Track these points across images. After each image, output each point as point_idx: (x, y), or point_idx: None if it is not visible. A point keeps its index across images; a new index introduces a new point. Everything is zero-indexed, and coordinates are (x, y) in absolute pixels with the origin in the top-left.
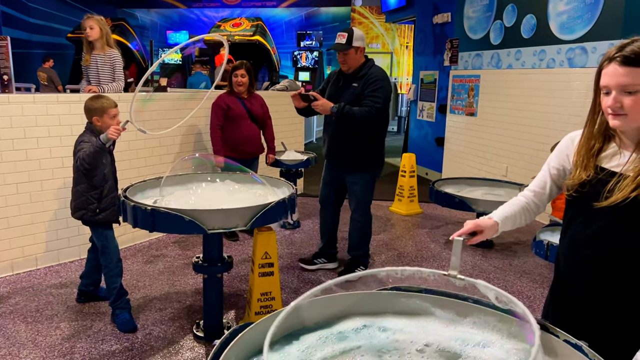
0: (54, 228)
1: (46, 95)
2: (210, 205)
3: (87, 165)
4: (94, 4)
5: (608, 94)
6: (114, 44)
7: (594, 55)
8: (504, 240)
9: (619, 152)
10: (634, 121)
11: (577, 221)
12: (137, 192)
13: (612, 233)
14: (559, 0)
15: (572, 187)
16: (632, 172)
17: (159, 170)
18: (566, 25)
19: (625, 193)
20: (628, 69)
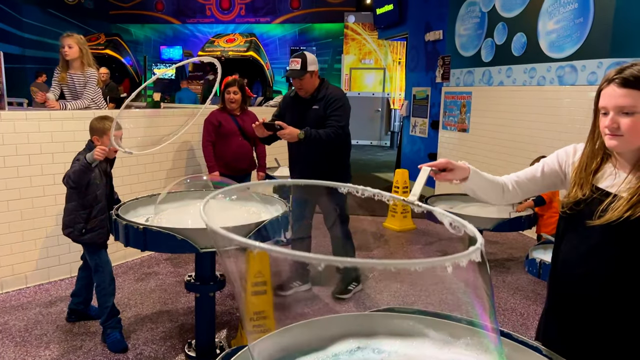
0: (44, 246)
1: (38, 112)
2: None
3: (72, 183)
4: (88, 20)
5: (606, 115)
6: (94, 63)
7: (583, 74)
8: (497, 256)
9: (614, 173)
10: (630, 142)
11: (570, 239)
12: (129, 210)
13: (605, 252)
14: (548, 19)
15: (567, 205)
16: (627, 193)
17: (151, 187)
18: (556, 43)
19: (619, 213)
20: (626, 90)
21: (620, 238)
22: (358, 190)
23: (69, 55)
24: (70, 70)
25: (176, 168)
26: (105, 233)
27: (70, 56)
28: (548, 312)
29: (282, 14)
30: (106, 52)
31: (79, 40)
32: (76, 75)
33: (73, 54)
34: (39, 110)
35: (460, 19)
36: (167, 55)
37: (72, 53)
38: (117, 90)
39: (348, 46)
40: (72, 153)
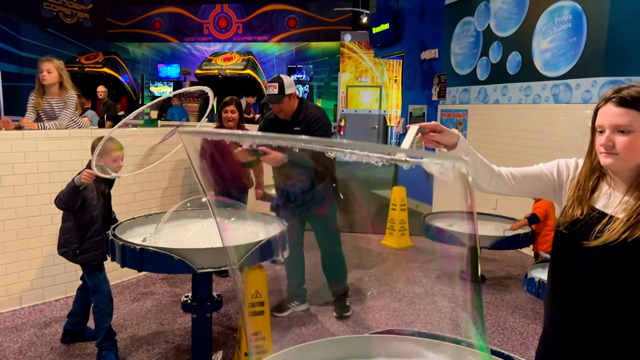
0: (39, 265)
1: (36, 131)
2: (199, 243)
3: (62, 205)
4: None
5: (602, 133)
6: (73, 87)
7: (578, 92)
8: (495, 274)
9: (609, 192)
10: (625, 161)
11: (566, 260)
12: (125, 230)
13: (601, 273)
14: (543, 38)
15: (563, 224)
16: (623, 214)
17: (148, 206)
18: (550, 62)
19: (616, 235)
20: (623, 109)
21: (616, 260)
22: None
23: (47, 80)
24: (47, 96)
25: (173, 187)
26: (100, 255)
27: (49, 81)
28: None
29: (279, 32)
30: (104, 70)
31: (58, 65)
32: (54, 99)
33: (52, 79)
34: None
35: (455, 38)
36: (164, 74)
37: (51, 78)
38: (115, 109)
39: (344, 64)
40: (68, 172)
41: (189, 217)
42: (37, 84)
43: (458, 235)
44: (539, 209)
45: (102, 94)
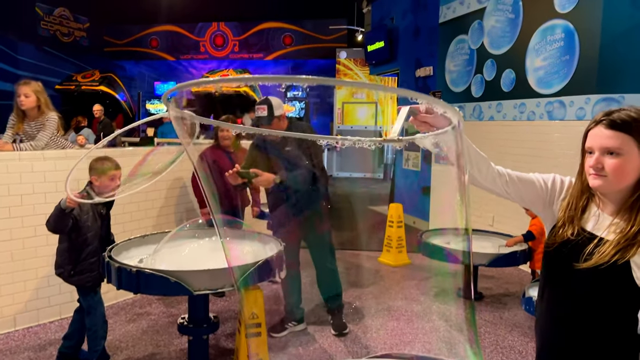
0: (34, 287)
1: (31, 152)
2: (196, 264)
3: (51, 227)
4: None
5: (592, 155)
6: (53, 108)
7: (571, 109)
8: (493, 292)
9: (597, 214)
10: (613, 183)
11: (556, 280)
12: (121, 252)
13: (591, 295)
14: (536, 56)
15: (553, 244)
16: (613, 236)
17: (144, 225)
18: (544, 80)
19: (606, 258)
20: (612, 132)
21: (607, 281)
22: (338, 141)
23: (25, 104)
24: (28, 119)
25: (169, 205)
26: (94, 277)
27: (27, 105)
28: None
29: (274, 50)
30: (100, 88)
31: (35, 88)
32: (34, 122)
33: (29, 104)
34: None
35: (450, 55)
36: (161, 91)
37: (29, 102)
38: (112, 127)
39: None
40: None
41: (185, 237)
42: (16, 108)
43: (455, 252)
44: (534, 226)
45: (97, 113)
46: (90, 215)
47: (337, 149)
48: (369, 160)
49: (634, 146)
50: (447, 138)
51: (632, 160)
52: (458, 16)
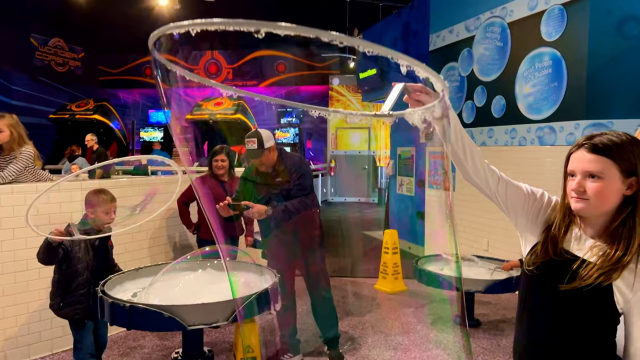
0: (25, 322)
1: (25, 185)
2: (191, 297)
3: (40, 259)
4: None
5: (573, 178)
6: (28, 141)
7: (562, 134)
8: (490, 318)
9: (579, 236)
10: (595, 207)
11: (536, 303)
12: (115, 285)
13: (572, 317)
14: (525, 83)
15: (534, 264)
16: (595, 258)
17: (138, 257)
18: (533, 106)
19: (590, 280)
20: (594, 156)
21: (588, 304)
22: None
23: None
24: (4, 153)
25: (162, 236)
26: (82, 309)
27: (1, 140)
28: None
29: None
30: (94, 117)
31: (9, 122)
32: (9, 156)
33: (3, 138)
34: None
35: None
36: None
37: (3, 137)
38: (106, 156)
39: (333, 107)
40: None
41: (180, 269)
42: None
43: (449, 279)
44: None
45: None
46: (82, 246)
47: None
48: (363, 184)
49: (615, 170)
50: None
51: (613, 184)
52: (448, 44)
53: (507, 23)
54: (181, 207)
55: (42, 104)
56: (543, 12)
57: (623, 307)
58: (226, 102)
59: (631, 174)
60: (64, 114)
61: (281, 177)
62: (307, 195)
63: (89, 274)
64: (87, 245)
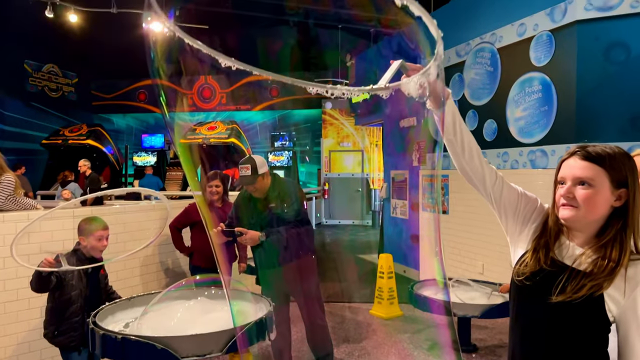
0: (13, 353)
1: (16, 213)
2: (184, 328)
3: (32, 287)
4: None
5: (563, 185)
6: (8, 170)
7: (553, 157)
8: (487, 343)
9: (568, 245)
10: (583, 215)
11: (529, 311)
12: (107, 316)
13: (564, 327)
14: (516, 107)
15: (523, 274)
16: (584, 266)
17: (130, 284)
18: (525, 129)
19: (583, 291)
20: (587, 163)
21: (580, 313)
22: (327, 90)
23: None
24: None
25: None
26: (77, 337)
27: None
28: None
29: (261, 101)
30: (87, 142)
31: None
32: None
33: None
34: None
35: None
36: (148, 144)
37: None
38: (99, 181)
39: (326, 130)
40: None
41: (173, 298)
42: None
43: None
44: None
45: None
46: (75, 273)
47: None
48: (357, 207)
49: (606, 179)
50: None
51: (602, 192)
52: None
53: (497, 48)
54: (174, 232)
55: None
56: (532, 38)
57: (616, 314)
58: (220, 126)
59: (621, 185)
60: (57, 139)
61: (275, 203)
62: (300, 221)
63: (83, 302)
64: (81, 272)
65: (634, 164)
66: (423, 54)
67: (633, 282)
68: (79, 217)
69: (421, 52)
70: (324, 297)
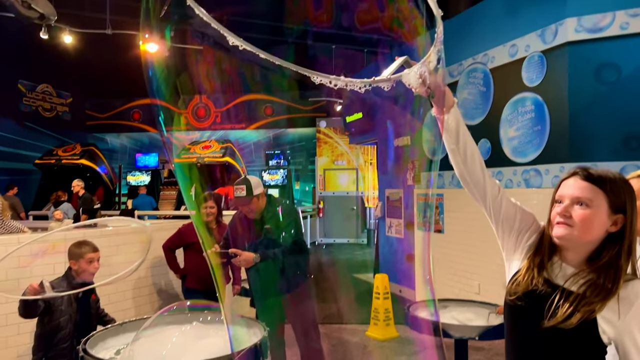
0: None
1: (6, 237)
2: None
3: (20, 313)
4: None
5: (560, 204)
6: None
7: (547, 177)
8: None
9: (560, 264)
10: (578, 235)
11: (521, 336)
12: (97, 343)
13: (559, 351)
14: (509, 126)
15: (515, 293)
16: (576, 287)
17: (122, 308)
18: (518, 149)
19: (577, 316)
20: (587, 184)
21: (573, 336)
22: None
23: None
24: None
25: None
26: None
27: None
28: None
29: (256, 120)
30: (81, 162)
31: None
32: None
33: None
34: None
35: (426, 126)
36: (142, 163)
37: None
38: (92, 201)
39: (321, 149)
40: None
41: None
42: None
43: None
44: None
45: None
46: (65, 298)
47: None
48: (352, 225)
49: (604, 202)
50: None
51: (599, 215)
52: None
53: (489, 69)
54: (167, 253)
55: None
56: (523, 58)
57: (612, 336)
58: (214, 146)
59: (618, 211)
60: (50, 159)
61: (270, 224)
62: (296, 242)
63: (72, 327)
64: (71, 297)
65: (633, 191)
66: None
67: (627, 302)
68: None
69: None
70: (319, 318)
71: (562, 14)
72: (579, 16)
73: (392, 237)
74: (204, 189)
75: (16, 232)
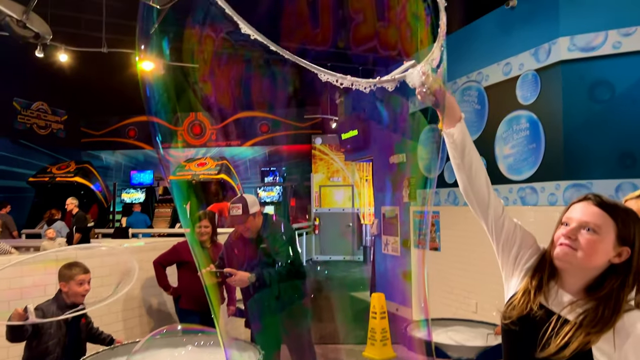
0: None
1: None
2: None
3: (7, 338)
4: (59, 148)
5: (567, 226)
6: None
7: (543, 195)
8: None
9: (557, 290)
10: (580, 259)
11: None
12: None
13: None
14: (504, 144)
15: (509, 318)
16: (573, 316)
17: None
18: (514, 167)
19: (571, 348)
20: (598, 210)
21: None
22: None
23: None
24: None
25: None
26: None
27: None
28: None
29: (251, 137)
30: (75, 179)
31: None
32: None
33: None
34: None
35: (421, 143)
36: (137, 180)
37: None
38: (85, 219)
39: (316, 165)
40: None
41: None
42: None
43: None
44: None
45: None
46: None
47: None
48: (348, 242)
49: (612, 231)
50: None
51: (606, 243)
52: (426, 107)
53: (484, 87)
54: (157, 268)
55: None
56: (517, 77)
57: None
58: (210, 163)
59: (625, 243)
60: (44, 176)
61: (266, 244)
62: (292, 262)
63: (61, 351)
64: (60, 320)
65: None
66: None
67: (623, 333)
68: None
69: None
70: (316, 338)
71: (555, 33)
72: (572, 35)
73: (388, 255)
74: (199, 206)
75: (3, 254)
